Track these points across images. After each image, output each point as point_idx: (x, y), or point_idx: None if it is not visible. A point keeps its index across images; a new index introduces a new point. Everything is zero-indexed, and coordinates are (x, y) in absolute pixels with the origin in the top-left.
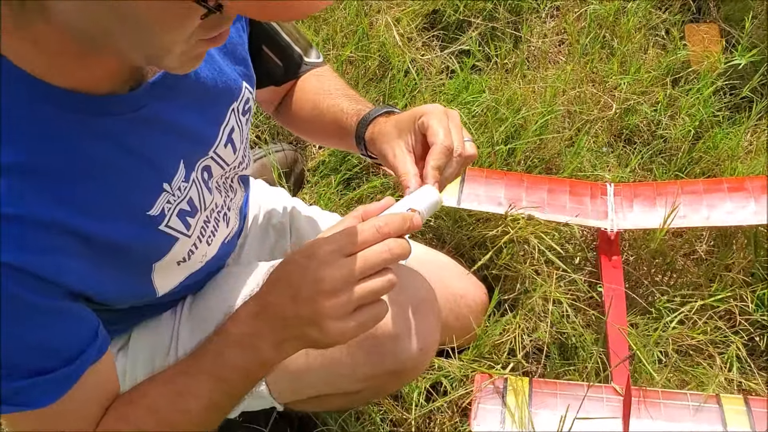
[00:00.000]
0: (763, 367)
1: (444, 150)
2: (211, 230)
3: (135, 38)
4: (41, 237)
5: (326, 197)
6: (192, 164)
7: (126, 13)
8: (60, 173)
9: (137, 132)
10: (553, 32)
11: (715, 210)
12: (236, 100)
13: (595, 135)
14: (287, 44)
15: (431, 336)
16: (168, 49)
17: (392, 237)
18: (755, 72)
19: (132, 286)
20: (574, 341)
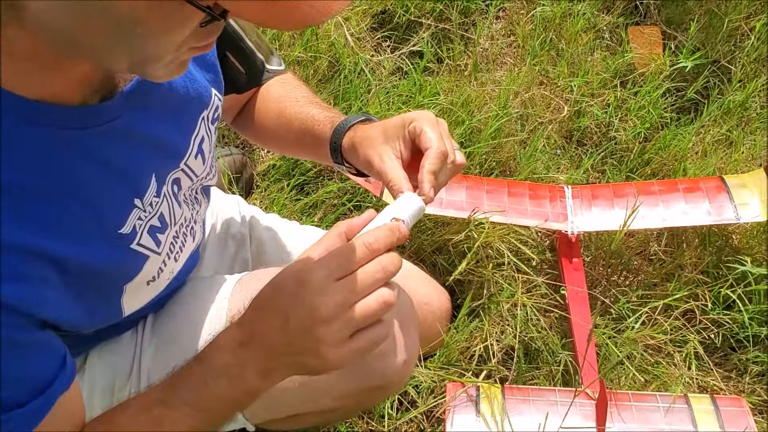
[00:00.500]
0: (718, 363)
1: (440, 155)
2: (179, 246)
3: (126, 44)
4: (14, 265)
5: (279, 203)
6: (163, 177)
7: (124, 18)
8: (31, 192)
9: (111, 144)
10: (501, 34)
11: (671, 211)
12: (206, 109)
13: (548, 137)
14: (251, 50)
15: (414, 348)
16: (158, 56)
17: (382, 252)
18: (697, 74)
19: (102, 310)
20: (541, 345)
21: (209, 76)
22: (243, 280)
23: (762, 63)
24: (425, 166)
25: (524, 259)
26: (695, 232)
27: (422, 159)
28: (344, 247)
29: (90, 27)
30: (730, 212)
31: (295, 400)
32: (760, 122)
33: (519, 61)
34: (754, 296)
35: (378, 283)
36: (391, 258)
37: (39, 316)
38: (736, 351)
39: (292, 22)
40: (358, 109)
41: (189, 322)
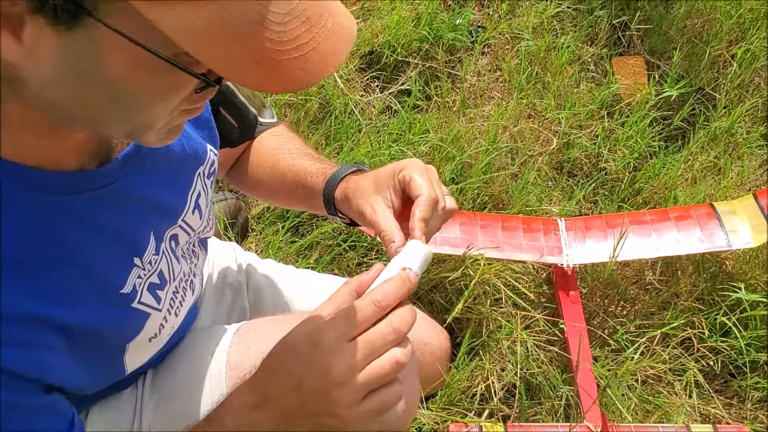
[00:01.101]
0: (719, 390)
1: (430, 202)
2: (179, 300)
3: (122, 115)
4: (19, 333)
5: (275, 246)
6: (161, 235)
7: (120, 92)
8: (32, 261)
9: (108, 208)
10: (487, 69)
11: (664, 240)
12: (202, 164)
13: (539, 170)
14: (243, 105)
15: (414, 396)
16: (152, 122)
17: (393, 307)
18: (682, 102)
19: (105, 370)
20: (542, 380)
21: (204, 132)
22: (241, 330)
23: (745, 89)
24: (416, 214)
25: (521, 293)
26: (689, 259)
27: (413, 206)
28: (354, 307)
29: (86, 100)
30: (721, 239)
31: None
32: (747, 147)
33: (506, 96)
34: (750, 322)
35: (389, 344)
36: (402, 317)
37: (45, 381)
38: (735, 378)
39: (286, 85)
40: (350, 149)
41: (189, 375)
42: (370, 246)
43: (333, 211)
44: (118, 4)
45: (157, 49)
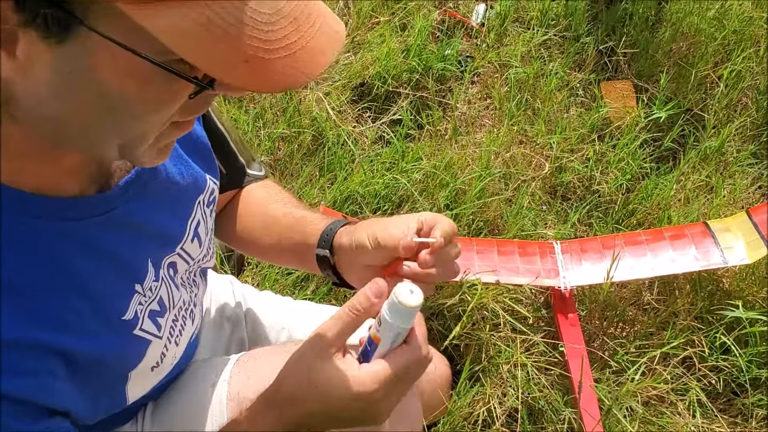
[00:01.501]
0: (722, 409)
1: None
2: (179, 329)
3: (116, 126)
4: (22, 360)
5: (271, 279)
6: (159, 262)
7: (114, 100)
8: (35, 288)
9: (109, 235)
10: (477, 98)
11: (659, 259)
12: (202, 193)
13: (532, 194)
14: (233, 153)
15: (417, 419)
16: (145, 134)
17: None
18: (672, 124)
19: (106, 399)
20: (544, 404)
21: (204, 162)
22: (241, 360)
23: (733, 108)
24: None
25: (520, 318)
26: (686, 278)
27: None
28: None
29: (81, 112)
30: (717, 257)
31: None
32: (738, 165)
33: (497, 123)
34: (750, 339)
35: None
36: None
37: (48, 406)
38: (738, 396)
39: (275, 84)
40: (343, 179)
41: (189, 407)
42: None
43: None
44: (107, 11)
45: (149, 55)
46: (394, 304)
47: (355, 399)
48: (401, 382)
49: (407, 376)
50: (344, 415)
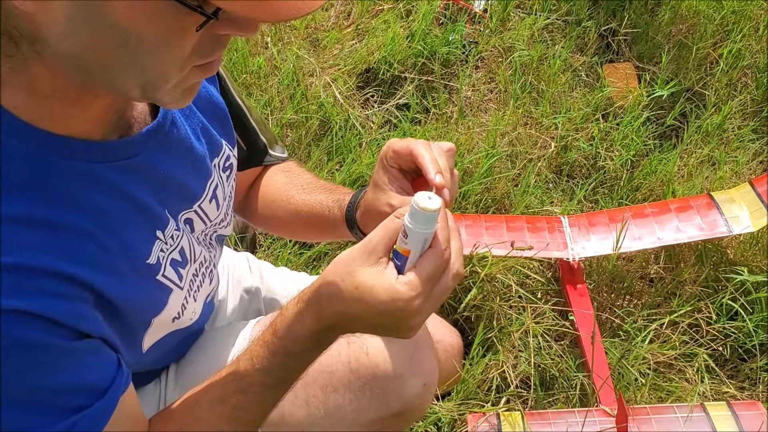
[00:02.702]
0: (730, 375)
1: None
2: (198, 284)
3: (134, 63)
4: (54, 286)
5: (284, 258)
6: (175, 215)
7: (127, 34)
8: (64, 224)
9: (132, 179)
10: (482, 81)
11: (666, 230)
12: (217, 156)
13: (538, 173)
14: (254, 130)
15: (433, 371)
16: (165, 74)
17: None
18: (673, 102)
19: (125, 346)
20: (554, 371)
21: (221, 128)
22: (260, 322)
23: (734, 87)
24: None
25: (530, 290)
26: (691, 249)
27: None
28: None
29: (99, 48)
30: (722, 226)
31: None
32: (739, 141)
33: (502, 105)
34: (756, 305)
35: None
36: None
37: (82, 329)
38: (746, 361)
39: (277, 12)
40: (352, 161)
41: (211, 366)
42: None
43: (359, 234)
44: None
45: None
46: (415, 212)
47: (393, 306)
48: (434, 289)
49: (438, 281)
50: (379, 321)
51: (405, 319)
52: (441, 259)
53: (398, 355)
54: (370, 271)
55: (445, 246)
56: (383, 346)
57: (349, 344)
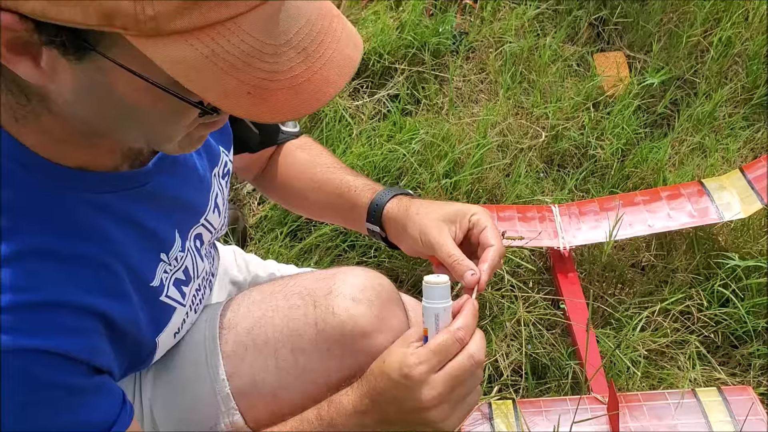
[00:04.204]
0: (722, 362)
1: (501, 255)
2: (200, 298)
3: (138, 129)
4: (70, 320)
5: (275, 251)
6: (186, 233)
7: (131, 110)
8: (78, 257)
9: (139, 206)
10: (472, 72)
11: (657, 217)
12: (216, 165)
13: (529, 163)
14: None
15: (402, 328)
16: (170, 136)
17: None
18: (664, 90)
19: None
20: (546, 360)
21: (218, 134)
22: (231, 299)
23: (724, 75)
24: (488, 261)
25: (522, 280)
26: (683, 237)
27: (484, 254)
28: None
29: (105, 116)
30: (713, 213)
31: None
32: (730, 129)
33: (493, 96)
34: (747, 292)
35: (471, 372)
36: (477, 345)
37: (95, 364)
38: (737, 347)
39: (277, 114)
40: (342, 151)
41: (183, 344)
42: (369, 245)
43: (375, 222)
44: (117, 39)
45: (156, 79)
46: (425, 288)
47: (400, 373)
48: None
49: (450, 358)
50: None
51: (413, 389)
52: (451, 335)
53: (365, 313)
54: (397, 349)
55: (457, 325)
56: (349, 306)
57: (316, 306)
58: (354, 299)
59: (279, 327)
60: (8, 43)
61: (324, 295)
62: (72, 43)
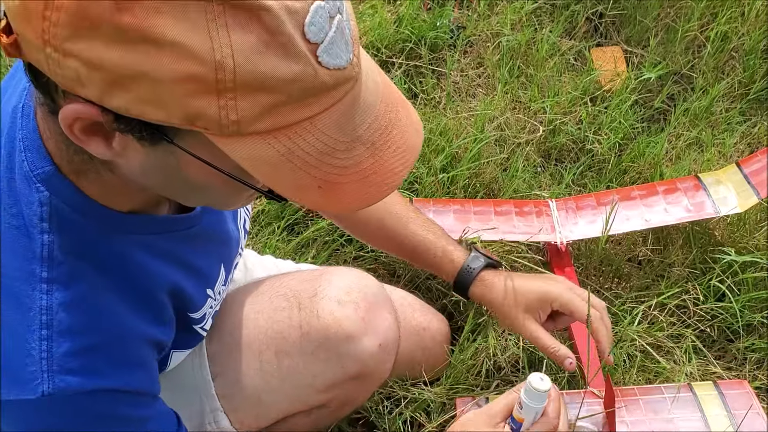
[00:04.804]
0: (717, 356)
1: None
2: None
3: (199, 200)
4: (134, 353)
5: (272, 245)
6: (230, 265)
7: (198, 185)
8: (133, 291)
9: (187, 246)
10: (470, 66)
11: (653, 211)
12: None
13: (527, 158)
14: None
15: (389, 331)
16: (227, 205)
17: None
18: (661, 85)
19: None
20: (542, 355)
21: None
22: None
23: (721, 70)
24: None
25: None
26: (679, 231)
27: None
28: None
29: (169, 188)
30: (709, 207)
31: (280, 399)
32: (727, 124)
33: (490, 90)
34: (743, 287)
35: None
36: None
37: (155, 392)
38: (733, 341)
39: (345, 206)
40: None
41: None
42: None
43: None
44: (194, 134)
45: (228, 168)
46: (529, 390)
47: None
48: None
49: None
50: None
51: None
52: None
53: (349, 316)
54: (483, 425)
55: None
56: (334, 309)
57: (301, 309)
58: (339, 301)
59: (263, 329)
60: (83, 127)
61: (309, 297)
62: (149, 134)
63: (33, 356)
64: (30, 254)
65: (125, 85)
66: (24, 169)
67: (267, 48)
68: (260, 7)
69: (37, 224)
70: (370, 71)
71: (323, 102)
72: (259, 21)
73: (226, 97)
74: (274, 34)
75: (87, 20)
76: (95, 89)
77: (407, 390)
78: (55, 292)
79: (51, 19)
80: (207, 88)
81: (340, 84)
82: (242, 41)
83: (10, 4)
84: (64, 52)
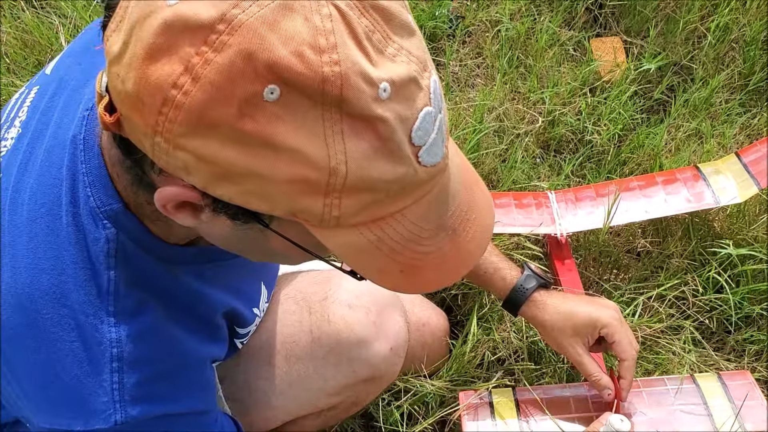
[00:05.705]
0: (716, 348)
1: (634, 363)
2: None
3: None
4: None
5: None
6: (271, 284)
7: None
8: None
9: (231, 272)
10: (469, 57)
11: (653, 203)
12: None
13: (526, 148)
14: None
15: (400, 335)
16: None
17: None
18: (661, 76)
19: None
20: (543, 344)
21: None
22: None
23: (721, 61)
24: (626, 378)
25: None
26: (678, 223)
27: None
28: None
29: (243, 250)
30: (709, 197)
31: (290, 403)
32: (726, 115)
33: (489, 80)
34: (741, 279)
35: None
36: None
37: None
38: (732, 333)
39: (423, 287)
40: None
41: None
42: None
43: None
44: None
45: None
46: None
47: None
48: None
49: None
50: None
51: None
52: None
53: (360, 320)
54: None
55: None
56: (345, 313)
57: (311, 313)
58: (350, 305)
59: (272, 332)
60: (176, 205)
61: (319, 301)
62: (245, 216)
63: (104, 387)
64: (96, 289)
65: (234, 179)
66: (90, 205)
67: (376, 153)
68: (377, 117)
69: (103, 261)
70: (452, 155)
71: (415, 195)
72: (374, 130)
73: (332, 196)
74: (386, 141)
75: (207, 121)
76: (201, 179)
77: (407, 382)
78: (122, 324)
79: (168, 115)
80: (317, 189)
81: (433, 177)
82: (356, 148)
83: (121, 89)
84: (175, 145)
